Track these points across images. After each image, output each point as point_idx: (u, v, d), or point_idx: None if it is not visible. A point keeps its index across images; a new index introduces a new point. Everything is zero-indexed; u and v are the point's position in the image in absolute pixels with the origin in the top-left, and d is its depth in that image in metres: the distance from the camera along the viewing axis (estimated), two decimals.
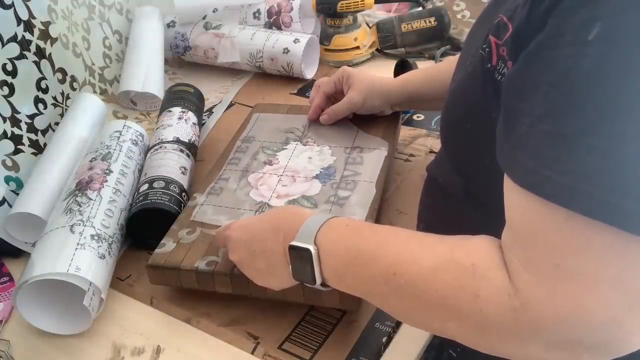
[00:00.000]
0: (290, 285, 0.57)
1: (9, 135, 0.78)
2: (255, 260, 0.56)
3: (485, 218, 0.47)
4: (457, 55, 0.83)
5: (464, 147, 0.58)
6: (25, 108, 0.82)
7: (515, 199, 0.41)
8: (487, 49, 0.49)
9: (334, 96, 0.86)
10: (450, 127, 0.60)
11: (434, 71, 0.82)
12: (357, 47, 1.15)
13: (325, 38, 1.16)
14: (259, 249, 0.55)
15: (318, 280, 0.51)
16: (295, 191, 0.73)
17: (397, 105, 0.84)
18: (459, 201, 0.60)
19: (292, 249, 0.52)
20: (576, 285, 0.38)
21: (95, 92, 1.03)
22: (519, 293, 0.40)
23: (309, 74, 1.11)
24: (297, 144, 0.82)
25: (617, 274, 0.37)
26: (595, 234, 0.36)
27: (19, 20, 0.81)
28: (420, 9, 1.22)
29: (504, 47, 0.46)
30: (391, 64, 1.05)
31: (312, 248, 0.50)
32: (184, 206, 0.74)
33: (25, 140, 0.81)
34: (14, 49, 0.80)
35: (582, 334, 0.38)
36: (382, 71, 1.09)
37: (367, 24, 1.21)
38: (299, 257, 0.51)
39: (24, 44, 0.82)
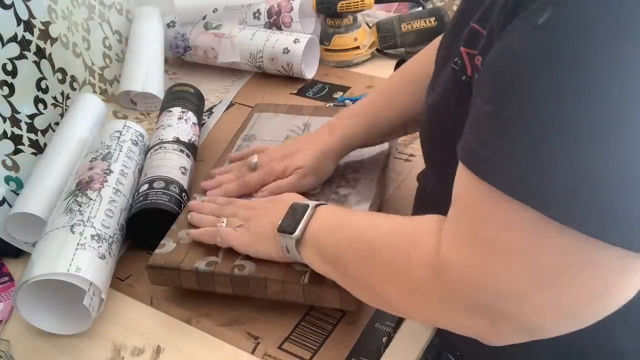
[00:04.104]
0: (268, 249, 0.60)
1: (9, 135, 0.78)
2: (258, 219, 0.62)
3: None
4: (394, 72, 0.79)
5: (444, 161, 0.57)
6: (25, 108, 0.82)
7: (458, 174, 0.43)
8: (459, 61, 0.49)
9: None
10: (429, 142, 0.60)
11: (372, 108, 0.73)
12: (357, 47, 1.15)
13: (325, 38, 1.16)
14: (268, 212, 0.61)
15: (297, 232, 0.55)
16: None
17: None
18: (447, 210, 0.59)
19: (294, 204, 0.58)
20: (490, 254, 0.40)
21: (95, 92, 1.03)
22: (439, 256, 0.43)
23: (309, 74, 1.11)
24: None
25: (530, 250, 0.38)
26: (515, 211, 0.38)
27: (19, 20, 0.81)
28: (420, 9, 1.21)
29: (481, 56, 0.45)
30: (391, 64, 1.05)
31: (312, 205, 0.57)
32: (184, 206, 0.74)
33: (25, 140, 0.81)
34: (14, 49, 0.80)
35: (491, 299, 0.40)
36: (382, 71, 1.09)
37: (367, 24, 1.21)
38: (295, 210, 0.58)
39: (24, 44, 0.82)
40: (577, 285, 0.38)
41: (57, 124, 0.88)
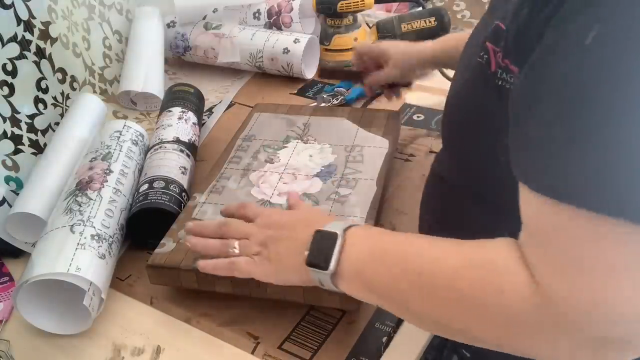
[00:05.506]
0: (295, 279, 0.55)
1: (9, 135, 0.78)
2: (277, 244, 0.55)
3: (488, 212, 0.48)
4: None
5: (465, 146, 0.59)
6: (25, 108, 0.82)
7: (529, 202, 0.42)
8: (485, 56, 0.50)
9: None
10: (452, 127, 0.61)
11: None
12: None
13: (325, 38, 1.16)
14: (287, 234, 0.55)
15: (332, 267, 0.50)
16: (296, 189, 0.73)
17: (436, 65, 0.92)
18: (463, 197, 0.60)
19: (318, 232, 0.52)
20: (594, 277, 0.38)
21: (95, 92, 1.03)
22: (540, 288, 0.40)
23: (309, 74, 1.11)
24: (297, 142, 0.82)
25: (630, 264, 0.37)
26: (604, 227, 0.37)
27: (19, 20, 0.81)
28: (420, 9, 1.21)
29: (502, 53, 0.47)
30: None
31: (340, 232, 0.51)
32: (184, 206, 0.74)
33: (25, 140, 0.81)
34: (14, 49, 0.80)
35: (604, 326, 0.39)
36: None
37: (367, 24, 1.21)
38: (323, 239, 0.51)
39: (24, 44, 0.82)
40: None
41: (57, 124, 0.88)
